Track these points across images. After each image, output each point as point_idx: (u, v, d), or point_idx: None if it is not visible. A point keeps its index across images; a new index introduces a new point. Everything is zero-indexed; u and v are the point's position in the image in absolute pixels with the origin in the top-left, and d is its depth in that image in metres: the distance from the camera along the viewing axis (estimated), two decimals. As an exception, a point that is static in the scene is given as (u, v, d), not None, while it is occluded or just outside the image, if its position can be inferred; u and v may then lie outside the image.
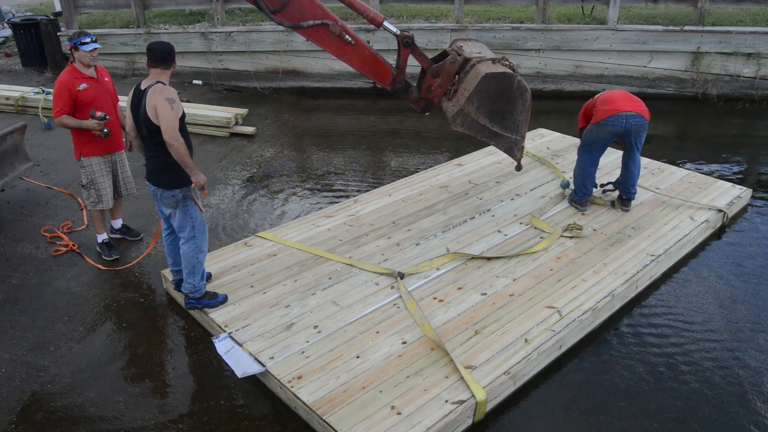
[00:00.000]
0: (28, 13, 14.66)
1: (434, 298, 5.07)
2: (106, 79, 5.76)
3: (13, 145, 7.10)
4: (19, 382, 4.70)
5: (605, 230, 6.13)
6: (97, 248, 6.22)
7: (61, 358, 4.93)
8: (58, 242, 6.42)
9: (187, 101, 10.36)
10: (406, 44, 5.48)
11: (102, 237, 6.19)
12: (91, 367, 4.83)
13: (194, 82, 11.56)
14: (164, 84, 4.62)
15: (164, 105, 4.46)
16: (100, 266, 6.01)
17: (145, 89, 4.60)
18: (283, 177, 8.08)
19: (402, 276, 5.31)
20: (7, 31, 14.18)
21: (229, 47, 11.48)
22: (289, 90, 11.40)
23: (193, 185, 4.75)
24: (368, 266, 5.49)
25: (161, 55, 4.64)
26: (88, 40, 5.49)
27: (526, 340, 4.57)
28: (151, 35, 11.55)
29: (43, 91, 10.17)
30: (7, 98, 10.26)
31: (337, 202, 7.08)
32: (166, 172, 4.72)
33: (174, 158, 4.56)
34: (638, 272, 5.47)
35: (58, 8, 12.84)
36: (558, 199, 6.70)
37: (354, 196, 7.17)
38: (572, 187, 6.75)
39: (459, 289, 5.18)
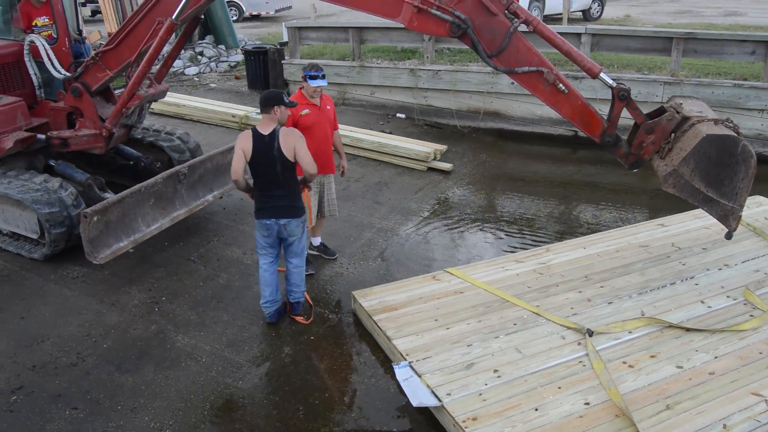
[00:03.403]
0: (258, 42, 16.20)
1: (623, 362, 4.80)
2: (328, 107, 6.17)
3: (236, 159, 7.84)
4: (215, 373, 5.13)
5: (829, 318, 5.47)
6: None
7: (253, 358, 5.32)
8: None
9: (390, 133, 10.83)
10: (622, 97, 5.33)
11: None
12: (278, 372, 5.15)
13: (398, 115, 12.06)
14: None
15: (301, 143, 5.20)
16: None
17: (272, 133, 5.18)
18: (473, 216, 8.14)
19: (591, 333, 5.10)
20: (239, 57, 15.76)
21: (434, 85, 11.86)
22: (489, 131, 11.50)
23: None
24: (556, 318, 5.35)
25: (272, 100, 5.26)
26: (317, 75, 5.92)
27: (724, 426, 4.17)
28: (364, 68, 12.27)
29: (264, 112, 11.15)
30: (234, 116, 11.40)
31: (525, 249, 7.00)
32: (297, 202, 5.42)
33: (309, 180, 5.45)
34: None
35: (285, 38, 14.05)
36: (774, 277, 6.10)
37: (543, 244, 7.04)
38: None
39: (652, 357, 4.87)
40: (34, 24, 7.13)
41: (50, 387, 4.94)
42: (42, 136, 6.96)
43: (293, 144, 5.14)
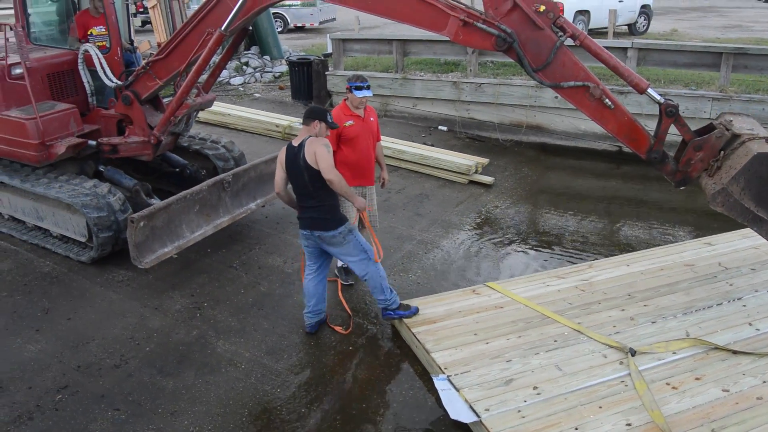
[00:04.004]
0: (302, 53, 16.39)
1: (667, 384, 4.70)
2: (371, 119, 6.20)
3: (279, 168, 7.94)
4: (254, 380, 5.18)
5: None
6: (335, 271, 6.66)
7: (292, 366, 5.36)
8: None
9: (432, 145, 10.84)
10: (670, 113, 5.24)
11: (342, 262, 6.63)
12: (316, 381, 5.18)
13: (440, 127, 12.06)
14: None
15: (322, 149, 5.07)
16: (339, 289, 6.38)
17: (301, 143, 5.18)
18: (514, 230, 8.08)
19: (633, 353, 5.00)
20: (283, 67, 15.96)
21: (477, 98, 11.83)
22: (531, 145, 11.42)
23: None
24: (597, 336, 5.27)
25: (314, 114, 5.30)
26: (362, 86, 5.96)
27: (772, 453, 4.07)
28: (407, 80, 12.31)
29: (307, 122, 11.26)
30: (277, 125, 11.55)
31: (565, 265, 6.92)
32: (330, 215, 5.30)
33: (338, 192, 5.20)
34: None
35: (329, 50, 14.18)
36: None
37: (586, 261, 6.95)
38: None
39: (697, 379, 4.76)
40: (89, 33, 7.35)
41: (94, 387, 5.06)
42: (93, 143, 7.15)
43: (314, 150, 5.06)
